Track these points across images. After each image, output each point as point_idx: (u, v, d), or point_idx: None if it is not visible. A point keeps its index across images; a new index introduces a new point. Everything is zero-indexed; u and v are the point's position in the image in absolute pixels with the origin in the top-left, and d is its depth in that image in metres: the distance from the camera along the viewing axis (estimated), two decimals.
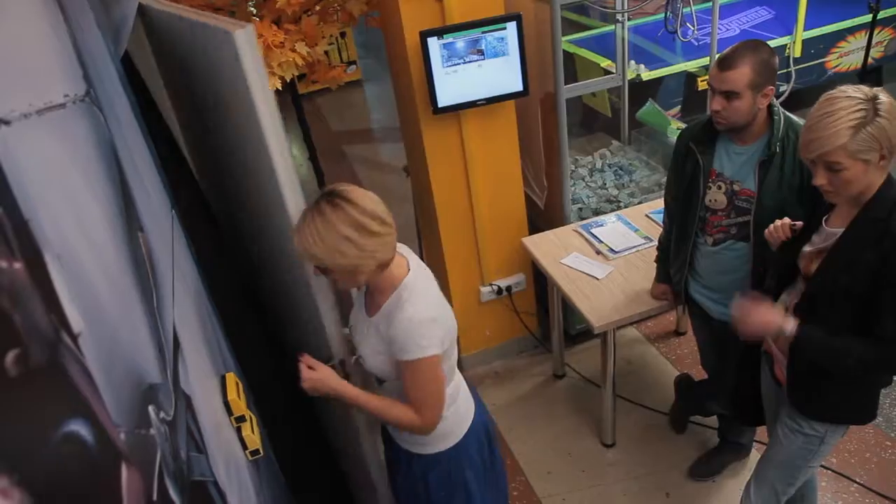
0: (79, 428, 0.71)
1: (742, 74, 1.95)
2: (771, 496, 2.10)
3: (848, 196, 1.67)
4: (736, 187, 2.15)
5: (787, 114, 2.11)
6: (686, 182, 2.26)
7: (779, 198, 2.07)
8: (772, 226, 1.94)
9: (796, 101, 5.09)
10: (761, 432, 2.88)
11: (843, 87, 1.61)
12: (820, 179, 1.64)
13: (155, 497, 0.89)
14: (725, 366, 2.41)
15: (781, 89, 4.81)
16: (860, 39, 4.84)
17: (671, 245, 2.43)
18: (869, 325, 1.69)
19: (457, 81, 2.67)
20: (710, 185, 2.20)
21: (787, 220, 1.93)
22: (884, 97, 1.57)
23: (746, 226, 2.15)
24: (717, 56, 2.04)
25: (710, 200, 2.22)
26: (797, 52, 4.71)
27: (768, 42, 4.56)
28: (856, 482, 2.67)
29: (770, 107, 2.07)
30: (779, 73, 4.70)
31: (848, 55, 4.92)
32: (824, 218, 1.80)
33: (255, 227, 2.07)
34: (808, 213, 1.97)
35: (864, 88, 1.59)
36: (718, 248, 2.25)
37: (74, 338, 0.76)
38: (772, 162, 2.06)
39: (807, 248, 1.82)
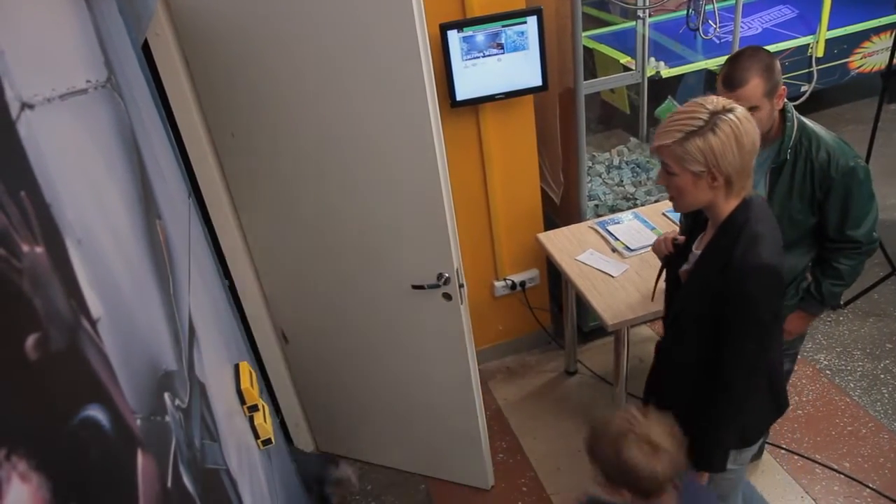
0: (96, 413, 0.71)
1: (756, 87, 1.88)
2: None
3: (685, 207, 1.64)
4: None
5: (802, 119, 2.05)
6: None
7: (788, 206, 2.03)
8: (658, 238, 1.94)
9: (817, 102, 5.04)
10: (774, 436, 2.86)
11: (710, 96, 1.56)
12: (659, 178, 1.63)
13: (169, 484, 0.90)
14: None
15: (802, 89, 4.75)
16: (885, 40, 4.77)
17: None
18: (717, 349, 1.66)
19: (476, 75, 2.66)
20: None
21: (671, 233, 1.91)
22: (732, 117, 1.49)
23: None
24: (720, 77, 1.96)
25: None
26: (819, 52, 4.65)
27: (791, 41, 4.53)
28: (869, 487, 2.65)
29: (784, 112, 2.01)
30: (801, 72, 4.66)
31: (872, 56, 4.85)
32: (698, 238, 1.76)
33: None
34: (816, 224, 1.97)
35: (724, 102, 1.53)
36: None
37: (93, 323, 0.76)
38: (783, 169, 2.02)
39: (684, 267, 1.79)
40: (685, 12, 3.36)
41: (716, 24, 3.27)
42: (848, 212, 2.01)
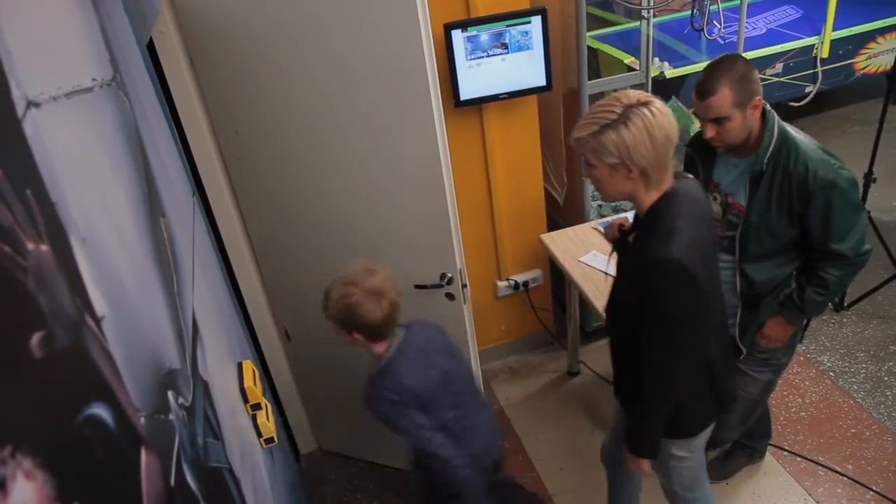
0: (100, 411, 0.71)
1: (723, 97, 1.86)
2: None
3: (608, 198, 1.68)
4: (729, 200, 2.07)
5: (786, 128, 1.98)
6: None
7: (766, 216, 1.98)
8: (609, 223, 1.97)
9: (822, 103, 5.03)
10: (777, 437, 2.85)
11: (629, 91, 1.60)
12: (583, 170, 1.67)
13: (172, 482, 0.90)
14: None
15: (807, 90, 4.74)
16: (891, 41, 4.76)
17: None
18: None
19: (479, 75, 2.66)
20: (708, 194, 2.11)
21: (620, 218, 1.93)
22: (646, 111, 1.52)
23: (734, 240, 2.07)
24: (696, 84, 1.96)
25: None
26: (825, 53, 4.64)
27: (796, 41, 4.52)
28: (872, 490, 2.64)
29: (765, 120, 1.96)
30: (806, 73, 4.66)
31: (877, 56, 4.84)
32: None
33: None
34: (798, 236, 1.95)
35: (640, 96, 1.56)
36: None
37: (98, 321, 0.76)
38: (761, 179, 1.97)
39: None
40: (690, 12, 3.36)
41: (720, 24, 3.26)
42: (830, 225, 1.94)
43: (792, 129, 1.99)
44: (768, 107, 1.98)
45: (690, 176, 1.79)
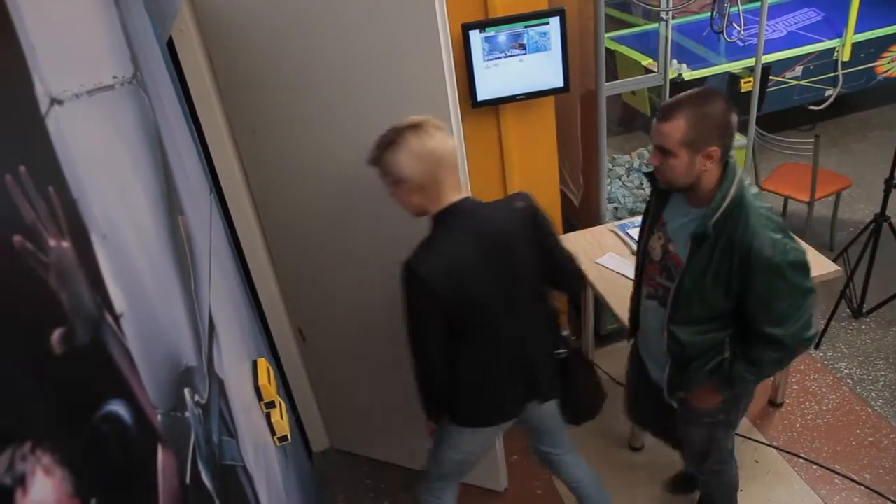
0: (118, 408, 0.72)
1: (674, 129, 1.65)
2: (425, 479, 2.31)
3: (409, 211, 1.81)
4: (670, 248, 1.88)
5: (744, 192, 1.74)
6: (645, 214, 2.03)
7: (701, 282, 1.78)
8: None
9: (843, 107, 4.97)
10: (793, 444, 2.82)
11: (411, 117, 1.73)
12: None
13: (188, 480, 0.90)
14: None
15: (827, 94, 4.68)
16: None
17: None
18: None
19: (497, 75, 2.65)
20: (655, 231, 1.95)
21: None
22: (409, 132, 1.68)
23: (669, 293, 1.87)
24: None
25: (651, 246, 1.96)
26: (846, 56, 4.58)
27: (816, 44, 4.47)
28: (890, 500, 2.60)
29: (723, 178, 1.74)
30: (826, 76, 4.60)
31: None
32: None
33: None
34: (733, 307, 1.80)
35: (413, 120, 1.70)
36: (647, 303, 2.03)
37: (117, 318, 0.77)
38: (704, 242, 1.75)
39: None
40: (709, 14, 3.33)
41: (740, 26, 3.24)
42: (769, 309, 1.75)
43: (751, 196, 1.76)
44: (734, 164, 1.76)
45: (524, 197, 1.92)
